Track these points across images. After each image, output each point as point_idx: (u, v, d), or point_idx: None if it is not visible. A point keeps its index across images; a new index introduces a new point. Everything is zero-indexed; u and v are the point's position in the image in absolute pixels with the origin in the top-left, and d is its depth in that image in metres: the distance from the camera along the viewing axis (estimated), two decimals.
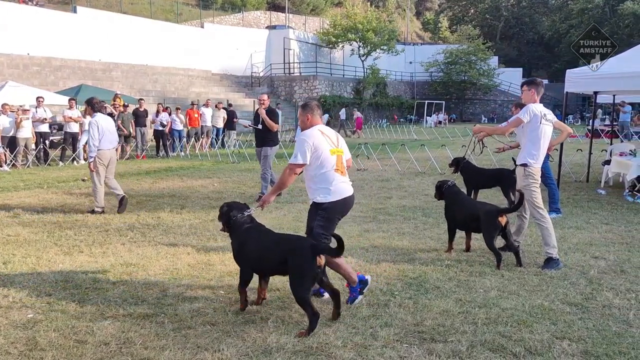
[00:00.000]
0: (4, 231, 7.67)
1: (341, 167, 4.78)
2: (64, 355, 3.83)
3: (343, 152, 4.86)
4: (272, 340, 4.05)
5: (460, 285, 5.32)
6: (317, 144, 4.66)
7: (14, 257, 6.36)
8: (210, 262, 6.12)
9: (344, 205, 4.78)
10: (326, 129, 4.90)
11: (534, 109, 5.99)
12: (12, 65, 27.81)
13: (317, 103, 5.04)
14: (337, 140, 4.85)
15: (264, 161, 10.30)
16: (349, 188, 4.82)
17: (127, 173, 14.42)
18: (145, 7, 42.25)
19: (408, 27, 71.46)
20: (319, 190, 4.72)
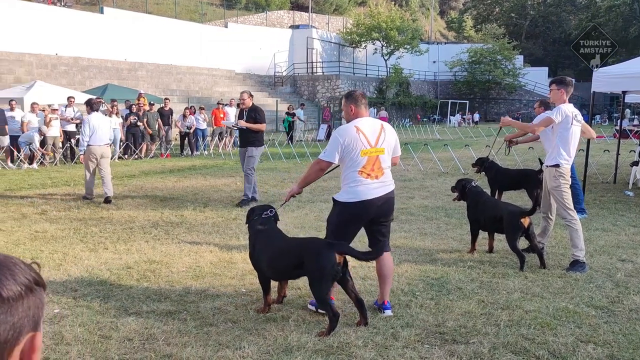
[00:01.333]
0: (32, 227, 7.82)
1: (371, 170, 4.42)
2: (89, 350, 3.89)
3: (383, 151, 4.47)
4: (292, 338, 4.06)
5: (483, 286, 5.28)
6: (348, 143, 4.38)
7: (42, 252, 6.48)
8: (233, 260, 6.16)
9: (363, 208, 4.41)
10: (366, 124, 4.49)
11: (566, 109, 5.87)
12: (41, 65, 28.33)
13: (362, 92, 4.74)
14: (377, 138, 4.46)
15: (248, 161, 9.70)
16: (374, 192, 4.42)
17: (152, 171, 14.59)
18: (170, 7, 42.69)
19: (432, 26, 71.00)
20: (342, 187, 4.56)
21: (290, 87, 43.45)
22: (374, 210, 4.46)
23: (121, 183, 12.32)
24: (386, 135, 4.53)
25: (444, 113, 48.77)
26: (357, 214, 4.46)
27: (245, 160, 9.79)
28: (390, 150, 4.58)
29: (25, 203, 9.72)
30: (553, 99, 6.13)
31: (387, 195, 4.51)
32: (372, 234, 4.63)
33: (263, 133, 9.98)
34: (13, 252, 6.45)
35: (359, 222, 4.54)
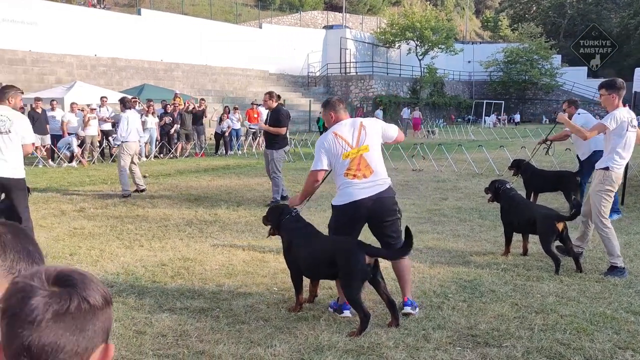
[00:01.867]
0: (71, 224, 8.03)
1: (357, 170, 4.44)
2: (124, 344, 3.98)
3: (367, 149, 4.47)
4: (323, 338, 4.07)
5: (517, 289, 5.20)
6: (329, 149, 4.50)
7: (80, 249, 6.65)
8: (265, 259, 6.21)
9: (354, 209, 4.42)
10: (345, 127, 4.55)
11: (620, 115, 5.64)
12: (80, 65, 29.06)
13: (338, 98, 4.85)
14: (357, 138, 4.48)
15: (270, 165, 9.79)
16: (363, 192, 4.41)
17: (187, 170, 14.81)
18: (206, 8, 43.23)
19: (467, 26, 70.15)
20: (336, 192, 4.62)
21: (324, 88, 43.51)
22: (366, 210, 4.44)
23: (157, 182, 12.54)
24: (367, 131, 4.54)
25: (479, 113, 48.14)
26: (350, 216, 4.49)
27: (269, 163, 9.84)
28: (377, 144, 4.61)
29: (65, 200, 9.98)
30: (604, 104, 5.86)
31: (379, 194, 4.45)
32: (380, 236, 4.61)
33: (285, 135, 9.99)
34: (53, 248, 6.64)
35: (355, 224, 4.55)
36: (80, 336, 0.97)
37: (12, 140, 5.91)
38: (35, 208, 8.96)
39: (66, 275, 1.01)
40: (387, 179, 4.58)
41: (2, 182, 5.90)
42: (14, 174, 5.95)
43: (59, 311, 0.96)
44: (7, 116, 5.92)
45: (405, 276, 4.62)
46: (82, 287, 1.00)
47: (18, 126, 5.96)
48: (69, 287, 0.99)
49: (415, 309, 4.55)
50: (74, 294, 0.98)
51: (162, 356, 3.81)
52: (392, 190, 4.60)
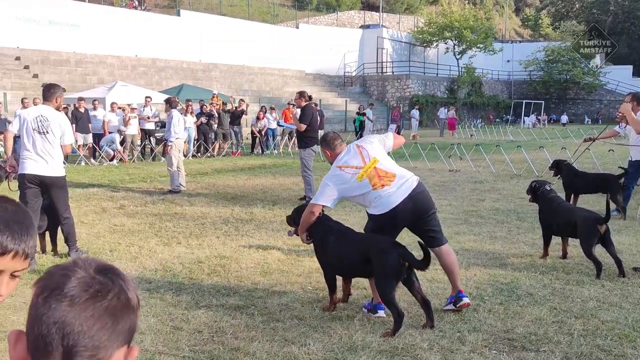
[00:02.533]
0: (111, 221, 8.23)
1: (379, 180, 4.45)
2: (161, 340, 4.06)
3: (377, 161, 4.53)
4: (357, 338, 4.07)
5: (556, 293, 5.09)
6: (341, 185, 4.51)
7: (119, 245, 6.81)
8: (300, 258, 6.24)
9: (395, 215, 4.42)
10: (344, 157, 4.62)
11: None
12: (121, 66, 29.73)
13: (334, 134, 4.94)
14: (361, 158, 4.55)
15: (300, 163, 10.16)
16: (400, 195, 4.41)
17: (224, 170, 14.99)
18: (244, 9, 43.67)
19: (506, 25, 68.95)
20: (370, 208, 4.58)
21: (360, 87, 43.42)
22: (409, 212, 4.44)
23: (194, 180, 12.73)
24: (367, 148, 4.63)
25: (518, 114, 47.25)
26: (391, 223, 4.49)
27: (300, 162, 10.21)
28: (384, 151, 4.68)
29: (106, 198, 10.23)
30: None
31: (412, 193, 4.46)
32: (422, 233, 4.59)
33: (314, 134, 10.15)
34: (94, 245, 6.82)
35: (395, 229, 4.57)
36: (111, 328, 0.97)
37: (50, 140, 6.08)
38: (78, 205, 9.22)
39: (109, 268, 1.04)
40: (414, 176, 4.60)
41: (42, 180, 6.07)
42: (53, 172, 6.12)
43: (97, 294, 0.97)
44: (46, 116, 6.09)
45: (454, 270, 4.63)
46: (122, 281, 1.02)
47: (56, 126, 6.12)
48: (111, 277, 1.01)
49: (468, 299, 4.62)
50: (114, 284, 1.00)
51: (198, 352, 3.87)
52: (423, 184, 4.64)
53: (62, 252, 6.44)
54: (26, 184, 6.05)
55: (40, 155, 6.02)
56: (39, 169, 6.03)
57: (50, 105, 6.21)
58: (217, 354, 3.82)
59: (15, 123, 6.29)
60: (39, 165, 6.03)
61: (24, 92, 21.27)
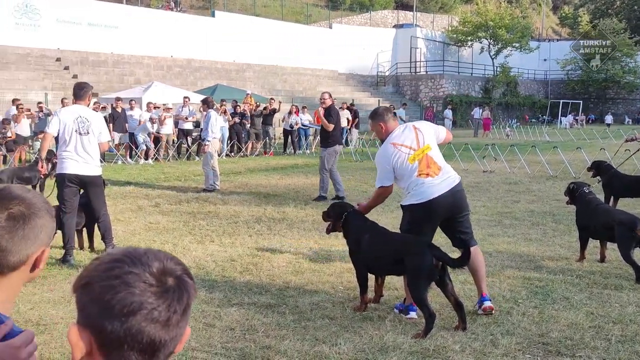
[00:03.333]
0: (146, 219, 8.39)
1: (427, 168, 4.42)
2: (194, 336, 4.12)
3: (430, 147, 4.47)
4: (388, 338, 4.06)
5: (593, 297, 4.97)
6: (394, 162, 4.46)
7: (154, 242, 6.94)
8: (331, 257, 6.25)
9: (433, 206, 4.38)
10: (400, 134, 4.55)
11: None
12: (157, 67, 30.24)
13: (385, 107, 4.80)
14: (416, 140, 4.48)
15: (320, 161, 10.15)
16: (439, 188, 4.38)
17: (256, 169, 15.11)
18: (277, 10, 43.89)
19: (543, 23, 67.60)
20: (406, 195, 4.58)
21: (393, 87, 43.19)
22: (446, 205, 4.41)
23: (227, 179, 12.87)
24: (423, 132, 4.54)
25: (555, 114, 46.29)
26: (427, 214, 4.44)
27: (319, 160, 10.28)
28: (434, 141, 4.58)
29: (141, 196, 10.43)
30: None
31: (453, 189, 4.44)
32: (452, 232, 4.58)
33: (337, 134, 10.28)
34: (130, 241, 6.96)
35: (430, 222, 4.50)
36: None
37: (90, 140, 6.22)
38: (114, 203, 9.42)
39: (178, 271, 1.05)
40: (456, 175, 4.58)
41: (82, 180, 6.21)
42: (92, 171, 6.26)
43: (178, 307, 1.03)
44: (86, 117, 6.23)
45: (480, 271, 4.57)
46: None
47: (95, 126, 6.27)
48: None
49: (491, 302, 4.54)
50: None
51: (230, 349, 3.91)
52: (461, 184, 4.60)
53: (99, 248, 6.59)
54: (66, 183, 6.17)
55: (80, 155, 6.14)
56: (80, 168, 6.16)
57: (83, 104, 6.32)
58: (249, 352, 3.86)
59: (54, 125, 6.26)
60: (79, 165, 6.15)
61: (64, 93, 21.82)
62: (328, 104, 10.23)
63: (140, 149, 16.56)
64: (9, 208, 1.31)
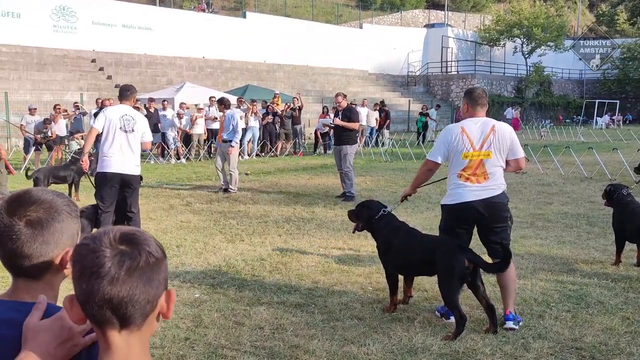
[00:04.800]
0: (178, 217, 8.51)
1: (472, 174, 4.24)
2: (224, 334, 4.16)
3: (490, 155, 4.24)
4: (417, 340, 4.03)
5: (629, 302, 4.85)
6: (451, 142, 4.31)
7: (185, 241, 7.03)
8: (360, 258, 6.24)
9: (462, 210, 4.28)
10: (474, 126, 4.31)
11: None
12: (189, 67, 30.62)
13: (482, 90, 4.48)
14: (483, 141, 4.24)
15: (344, 160, 10.21)
16: (473, 194, 4.23)
17: (286, 169, 15.17)
18: (308, 10, 43.98)
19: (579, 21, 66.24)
20: (447, 190, 4.49)
21: (423, 87, 42.86)
22: (475, 213, 4.27)
23: (258, 179, 12.96)
24: (497, 138, 4.27)
25: (590, 114, 45.28)
26: (458, 216, 4.37)
27: (342, 159, 10.28)
28: (503, 153, 4.32)
29: (173, 195, 10.58)
30: None
31: (490, 199, 4.25)
32: (487, 242, 4.40)
33: (356, 132, 10.63)
34: (161, 240, 7.06)
35: (464, 226, 4.38)
36: (149, 285, 1.13)
37: (134, 138, 6.32)
38: (147, 201, 9.58)
39: (130, 235, 1.16)
40: (501, 184, 4.35)
41: (123, 178, 6.28)
42: (133, 170, 6.36)
43: (131, 266, 1.11)
44: (132, 115, 6.36)
45: (509, 287, 4.36)
46: (145, 243, 1.16)
47: (140, 125, 6.39)
48: (135, 245, 1.14)
49: (518, 324, 4.29)
50: (141, 250, 1.14)
51: (259, 348, 3.94)
52: (504, 195, 4.37)
53: None
54: (107, 182, 6.25)
55: (123, 154, 6.23)
56: (122, 167, 6.25)
57: (129, 104, 6.45)
58: (278, 351, 3.88)
59: (100, 120, 6.33)
60: (122, 163, 6.24)
61: (99, 93, 22.29)
62: (344, 106, 10.46)
63: (171, 148, 16.79)
64: (27, 215, 1.34)
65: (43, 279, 1.38)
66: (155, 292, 1.15)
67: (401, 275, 4.72)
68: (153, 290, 1.14)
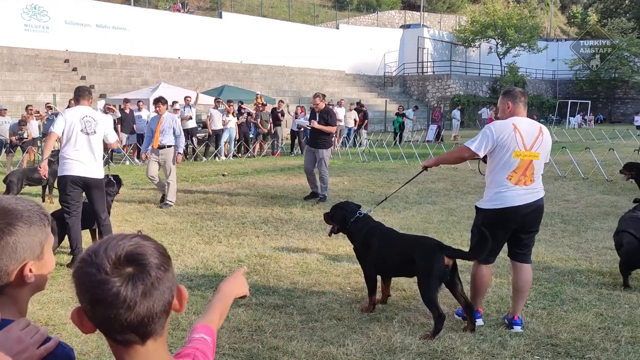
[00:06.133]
0: (154, 219, 8.41)
1: (522, 175, 4.14)
2: None
3: (538, 156, 4.17)
4: (396, 339, 4.05)
5: (602, 298, 4.94)
6: (502, 139, 4.10)
7: (162, 243, 6.91)
8: (338, 258, 6.24)
9: (507, 215, 4.14)
10: (525, 125, 4.21)
11: None
12: (165, 68, 30.34)
13: (521, 90, 4.43)
14: (533, 141, 4.16)
15: (319, 163, 10.09)
16: (522, 198, 4.13)
17: (263, 170, 15.12)
18: (284, 10, 43.92)
19: (551, 22, 67.31)
20: (486, 192, 4.30)
21: (400, 87, 43.13)
22: (520, 218, 4.16)
23: (235, 180, 12.89)
24: (544, 140, 4.22)
25: (563, 114, 46.07)
26: (501, 222, 4.18)
27: (318, 163, 10.17)
28: (546, 156, 4.31)
29: (149, 196, 10.46)
30: None
31: (536, 202, 4.19)
32: (515, 244, 4.33)
33: (332, 135, 10.35)
34: None
35: (504, 231, 4.22)
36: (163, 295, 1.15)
37: (97, 140, 6.08)
38: (122, 204, 9.45)
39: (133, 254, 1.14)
40: (542, 187, 4.33)
41: (86, 182, 6.04)
42: (95, 174, 6.11)
43: (145, 288, 1.11)
44: (93, 117, 6.11)
45: (525, 293, 4.32)
46: (151, 257, 1.15)
47: (102, 126, 6.16)
48: (142, 264, 1.13)
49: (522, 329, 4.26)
50: (150, 267, 1.13)
51: (238, 350, 3.91)
52: (544, 199, 4.34)
53: None
54: (69, 186, 6.00)
55: (85, 157, 6.00)
56: (84, 170, 6.01)
57: (87, 104, 6.19)
58: (256, 352, 3.86)
59: (59, 124, 6.03)
60: (83, 166, 6.01)
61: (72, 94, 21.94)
62: (321, 107, 10.23)
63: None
64: None
65: (4, 294, 1.32)
66: (169, 298, 1.17)
67: (380, 276, 4.74)
68: (167, 297, 1.16)
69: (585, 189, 11.56)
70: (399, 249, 4.48)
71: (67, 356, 1.31)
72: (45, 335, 1.27)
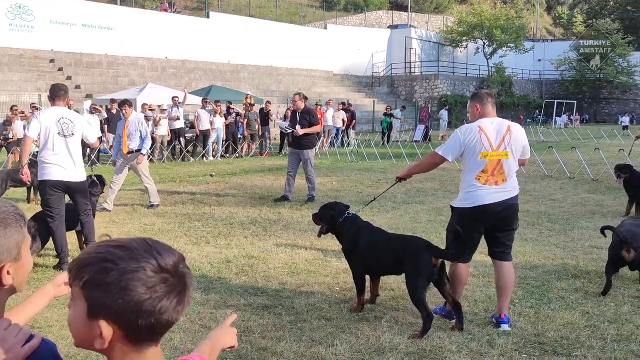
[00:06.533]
0: (142, 221, 8.36)
1: (491, 175, 4.19)
2: (190, 338, 4.11)
3: (507, 155, 4.21)
4: (385, 339, 4.06)
5: (588, 297, 4.99)
6: (469, 142, 4.20)
7: None
8: (327, 258, 6.24)
9: (479, 214, 4.20)
10: (491, 125, 4.25)
11: None
12: (152, 68, 30.18)
13: (488, 91, 4.51)
14: (500, 140, 4.20)
15: (305, 164, 10.02)
16: (493, 197, 4.18)
17: (252, 170, 15.09)
18: (272, 11, 43.87)
19: (537, 23, 67.84)
20: (460, 192, 4.38)
21: (388, 88, 43.26)
22: (491, 217, 4.21)
23: (223, 180, 12.85)
24: (512, 138, 4.25)
25: (549, 114, 46.45)
26: (474, 221, 4.24)
27: (303, 164, 10.09)
28: (518, 153, 4.32)
29: (136, 198, 10.39)
30: None
31: (508, 201, 4.23)
32: (493, 243, 4.38)
33: (316, 135, 10.19)
34: None
35: (478, 230, 4.30)
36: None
37: (75, 142, 5.94)
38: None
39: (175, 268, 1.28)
40: (517, 186, 4.34)
41: (68, 186, 5.92)
42: (77, 177, 5.99)
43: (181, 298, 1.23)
44: (70, 118, 5.95)
45: (508, 290, 4.33)
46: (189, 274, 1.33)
47: (80, 127, 6.02)
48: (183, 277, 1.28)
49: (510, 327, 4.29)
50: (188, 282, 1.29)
51: (227, 351, 3.89)
52: (518, 198, 4.36)
53: None
54: (50, 190, 5.85)
55: (64, 161, 5.85)
56: (64, 174, 5.87)
57: (63, 105, 6.04)
58: (245, 354, 3.85)
59: (34, 127, 5.84)
60: (65, 171, 5.88)
61: None
62: (301, 107, 10.08)
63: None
64: None
65: None
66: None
67: (369, 275, 4.74)
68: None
69: (572, 188, 11.66)
70: (388, 249, 4.49)
71: (52, 353, 1.30)
72: (29, 334, 1.25)
